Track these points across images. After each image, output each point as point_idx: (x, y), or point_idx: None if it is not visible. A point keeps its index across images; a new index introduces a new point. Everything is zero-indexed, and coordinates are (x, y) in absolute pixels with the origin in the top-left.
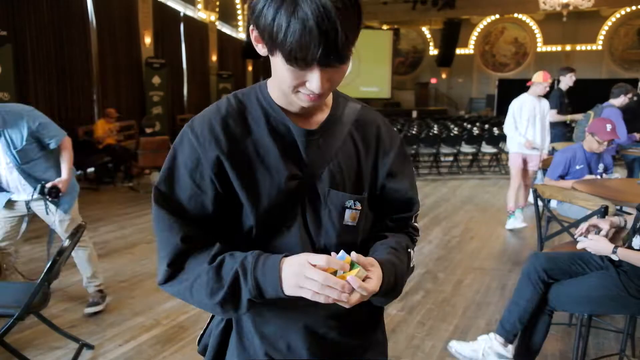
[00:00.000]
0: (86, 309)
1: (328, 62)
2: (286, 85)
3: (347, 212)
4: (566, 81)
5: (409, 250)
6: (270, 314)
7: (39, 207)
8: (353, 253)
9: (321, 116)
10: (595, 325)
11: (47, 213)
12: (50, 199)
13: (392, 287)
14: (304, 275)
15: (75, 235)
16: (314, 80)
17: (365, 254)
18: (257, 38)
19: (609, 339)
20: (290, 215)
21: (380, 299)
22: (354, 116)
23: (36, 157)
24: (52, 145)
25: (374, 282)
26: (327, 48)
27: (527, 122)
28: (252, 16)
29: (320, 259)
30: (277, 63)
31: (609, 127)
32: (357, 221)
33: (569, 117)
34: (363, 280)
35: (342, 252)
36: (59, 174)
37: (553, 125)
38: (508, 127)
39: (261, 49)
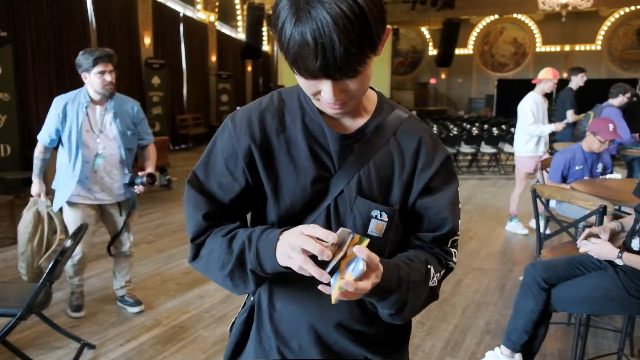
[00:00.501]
0: (132, 308)
1: (329, 74)
2: (307, 94)
3: (373, 222)
4: (577, 81)
5: (428, 266)
6: (285, 311)
7: (112, 208)
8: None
9: (360, 121)
10: (594, 325)
11: (121, 214)
12: (141, 186)
13: (393, 288)
14: (292, 244)
15: (78, 235)
16: (325, 90)
17: None
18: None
19: (608, 338)
20: (313, 216)
21: (383, 305)
22: (397, 125)
23: (133, 147)
24: (146, 142)
25: (372, 257)
26: (325, 61)
27: (542, 122)
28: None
29: (313, 229)
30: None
31: (611, 126)
32: (383, 233)
33: (582, 116)
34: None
35: (341, 229)
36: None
37: (567, 125)
38: (529, 128)
39: None
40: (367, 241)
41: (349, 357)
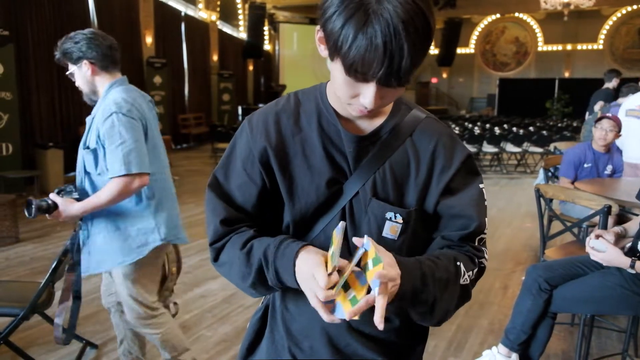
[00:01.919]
0: None
1: (387, 82)
2: (341, 94)
3: (387, 224)
4: (613, 84)
5: (457, 263)
6: (297, 312)
7: None
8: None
9: (376, 122)
10: (597, 325)
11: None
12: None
13: (418, 289)
14: (309, 288)
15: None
16: (368, 95)
17: None
18: (322, 39)
19: (612, 338)
20: (328, 218)
21: (411, 307)
22: (414, 126)
23: (92, 173)
24: (106, 174)
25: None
26: (389, 69)
27: None
28: (321, 18)
29: (322, 278)
30: (336, 70)
31: (609, 115)
32: (398, 235)
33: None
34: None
35: (366, 238)
36: (101, 225)
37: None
38: None
39: (322, 50)
40: (381, 265)
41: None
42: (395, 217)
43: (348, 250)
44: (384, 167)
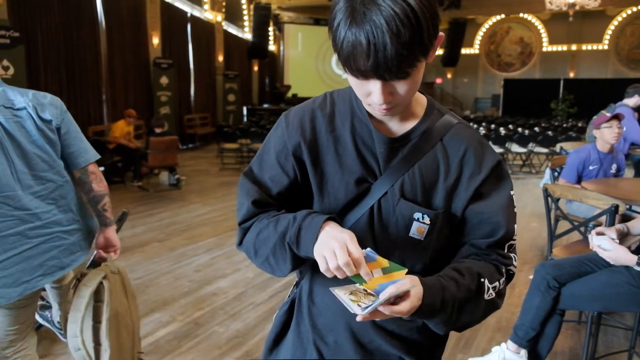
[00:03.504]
0: None
1: (380, 74)
2: (358, 96)
3: (415, 225)
4: None
5: (481, 279)
6: (323, 306)
7: None
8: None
9: (407, 125)
10: (604, 323)
11: None
12: None
13: (436, 309)
14: (333, 249)
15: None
16: (374, 91)
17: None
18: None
19: (619, 336)
20: (356, 216)
21: (428, 322)
22: (445, 131)
23: None
24: None
25: (407, 305)
26: (376, 61)
27: None
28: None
29: (356, 249)
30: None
31: (609, 115)
32: (425, 236)
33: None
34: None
35: (368, 249)
36: None
37: None
38: None
39: None
40: (405, 270)
41: (383, 356)
42: (423, 217)
43: None
44: (414, 169)
